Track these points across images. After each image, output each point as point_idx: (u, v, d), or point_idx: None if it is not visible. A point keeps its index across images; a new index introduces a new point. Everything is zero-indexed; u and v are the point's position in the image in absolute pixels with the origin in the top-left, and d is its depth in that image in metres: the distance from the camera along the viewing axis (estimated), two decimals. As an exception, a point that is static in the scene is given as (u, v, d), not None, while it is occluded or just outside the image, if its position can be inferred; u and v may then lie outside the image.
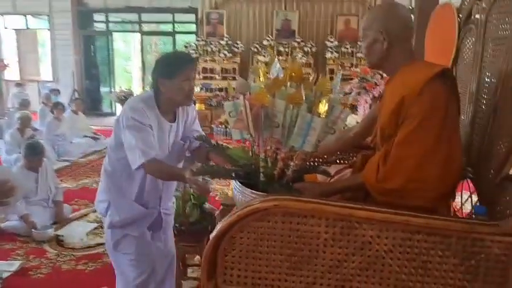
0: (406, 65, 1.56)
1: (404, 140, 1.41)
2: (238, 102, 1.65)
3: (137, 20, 11.47)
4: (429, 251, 1.30)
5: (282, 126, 1.53)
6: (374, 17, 1.59)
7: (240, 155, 1.72)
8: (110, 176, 2.19)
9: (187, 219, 2.88)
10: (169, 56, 2.07)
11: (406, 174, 1.39)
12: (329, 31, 9.59)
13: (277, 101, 1.52)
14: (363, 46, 1.64)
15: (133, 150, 1.92)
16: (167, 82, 1.98)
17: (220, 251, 1.39)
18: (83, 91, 11.30)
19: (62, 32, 11.22)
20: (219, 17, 9.79)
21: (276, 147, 1.60)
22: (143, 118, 1.95)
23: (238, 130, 1.66)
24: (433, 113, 1.39)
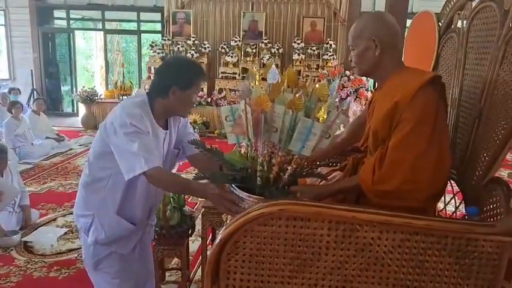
0: (396, 71, 1.62)
1: (398, 144, 1.48)
2: (236, 107, 1.66)
3: (101, 17, 11.15)
4: (426, 251, 1.36)
5: (280, 130, 1.55)
6: (364, 25, 1.64)
7: (236, 160, 1.70)
8: (91, 188, 2.01)
9: (168, 222, 2.84)
10: (185, 65, 1.94)
11: (401, 176, 1.46)
12: (296, 33, 9.71)
13: (277, 106, 1.54)
14: (353, 54, 1.67)
15: (132, 158, 1.76)
16: (180, 92, 1.88)
17: (223, 255, 1.39)
18: (43, 90, 10.87)
19: (19, 29, 10.74)
20: (186, 17, 9.69)
21: (271, 151, 1.61)
22: (141, 124, 1.83)
23: (235, 134, 1.66)
24: (425, 117, 1.46)
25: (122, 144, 1.81)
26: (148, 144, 1.81)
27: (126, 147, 1.79)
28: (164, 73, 1.94)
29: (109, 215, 2.00)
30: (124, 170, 1.80)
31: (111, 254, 2.07)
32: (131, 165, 1.77)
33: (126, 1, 10.55)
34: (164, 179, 1.85)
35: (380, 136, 1.59)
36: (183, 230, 2.88)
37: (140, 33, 11.16)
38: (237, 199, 1.59)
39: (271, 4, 9.76)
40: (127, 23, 12.15)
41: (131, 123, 1.80)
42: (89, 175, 2.01)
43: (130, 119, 1.81)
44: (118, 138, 1.82)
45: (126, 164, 1.79)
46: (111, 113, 1.94)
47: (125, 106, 1.89)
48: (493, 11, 1.64)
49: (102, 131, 1.92)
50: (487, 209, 1.50)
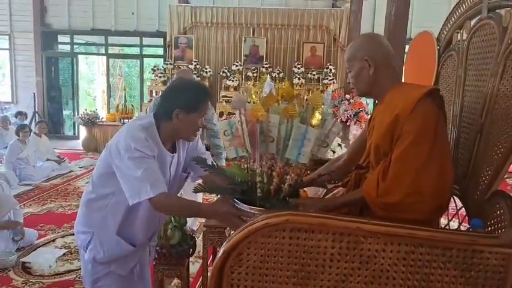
0: (394, 87, 1.66)
1: (400, 156, 1.49)
2: (233, 121, 1.67)
3: (104, 42, 11.34)
4: (431, 264, 1.35)
5: (276, 140, 1.57)
6: (357, 47, 1.70)
7: (236, 173, 1.70)
8: (92, 205, 1.99)
9: (168, 241, 2.82)
10: (191, 89, 1.92)
11: (404, 188, 1.46)
12: (296, 57, 9.85)
13: (272, 115, 1.56)
14: (350, 76, 1.73)
15: (137, 184, 1.74)
16: (184, 115, 1.86)
17: (227, 267, 1.38)
18: (45, 114, 10.95)
19: (23, 53, 10.92)
20: (188, 42, 9.84)
21: (270, 163, 1.61)
22: (146, 148, 1.79)
23: (234, 148, 1.67)
24: (426, 129, 1.48)
25: (126, 169, 1.78)
26: (153, 169, 1.78)
27: (130, 172, 1.76)
28: (169, 96, 1.92)
29: (108, 235, 1.97)
30: (128, 194, 1.78)
31: (109, 273, 2.03)
32: (136, 190, 1.75)
33: (129, 26, 10.75)
34: (171, 204, 1.83)
35: (381, 150, 1.60)
36: (184, 249, 2.85)
37: (143, 57, 11.33)
38: (244, 214, 1.59)
39: (272, 30, 9.94)
40: (129, 47, 12.35)
41: (136, 148, 1.77)
42: (92, 192, 1.99)
43: (135, 143, 1.78)
44: (123, 162, 1.79)
45: (130, 189, 1.77)
46: (117, 134, 1.91)
47: (131, 129, 1.86)
48: (492, 28, 1.68)
49: (107, 153, 1.90)
50: (491, 222, 1.49)
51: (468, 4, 1.93)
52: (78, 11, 10.78)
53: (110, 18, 10.74)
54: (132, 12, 10.68)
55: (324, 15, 9.81)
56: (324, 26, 9.82)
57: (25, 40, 10.83)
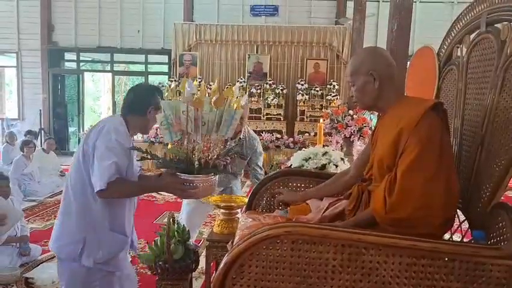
0: (398, 100, 1.67)
1: (407, 171, 1.48)
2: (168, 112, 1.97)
3: (109, 59, 11.49)
4: (433, 276, 1.35)
5: (207, 124, 1.95)
6: (361, 61, 1.70)
7: (176, 152, 2.00)
8: (81, 213, 2.02)
9: (171, 256, 2.81)
10: (158, 91, 2.26)
11: (413, 203, 1.45)
12: (299, 74, 9.93)
13: (206, 105, 1.92)
14: (354, 90, 1.73)
15: (99, 171, 1.92)
16: (154, 112, 2.10)
17: (228, 279, 1.38)
18: (50, 130, 11.04)
19: (30, 70, 11.07)
20: (192, 59, 9.97)
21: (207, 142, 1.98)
22: (125, 141, 2.04)
23: (168, 133, 1.98)
24: (431, 143, 1.48)
25: (99, 156, 1.95)
26: (120, 163, 1.99)
27: (101, 159, 1.94)
28: (144, 95, 2.19)
29: (103, 233, 2.06)
30: (97, 178, 1.93)
31: (106, 276, 2.10)
32: (103, 174, 1.92)
33: (134, 44, 10.90)
34: (123, 189, 2.03)
35: (385, 163, 1.60)
36: (187, 264, 2.84)
37: (148, 74, 11.45)
38: (185, 181, 1.95)
39: (276, 47, 10.05)
40: (134, 65, 12.50)
41: (117, 139, 1.99)
42: (76, 201, 2.05)
43: (116, 135, 2.00)
44: (98, 150, 1.96)
45: (96, 176, 1.94)
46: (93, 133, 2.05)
47: (112, 124, 2.07)
48: (491, 42, 1.70)
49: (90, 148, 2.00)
50: (493, 235, 1.49)
51: (467, 19, 1.96)
52: (84, 29, 10.96)
53: (116, 36, 10.90)
54: (138, 30, 10.84)
55: (327, 32, 9.92)
56: (328, 43, 9.92)
57: (32, 58, 11.00)
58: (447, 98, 2.08)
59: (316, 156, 3.00)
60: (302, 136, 8.96)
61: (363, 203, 1.72)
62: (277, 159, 8.15)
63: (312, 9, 10.53)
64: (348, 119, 7.56)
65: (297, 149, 8.21)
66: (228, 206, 2.78)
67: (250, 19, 10.58)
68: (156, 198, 6.63)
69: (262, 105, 9.42)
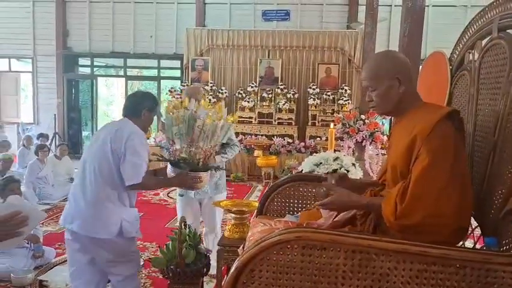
0: (415, 106, 1.66)
1: (419, 178, 1.46)
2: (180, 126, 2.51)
3: (123, 64, 11.62)
4: (445, 282, 1.34)
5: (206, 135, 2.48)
6: (382, 64, 1.66)
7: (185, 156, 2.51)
8: (113, 196, 2.48)
9: (183, 260, 2.83)
10: (150, 95, 2.75)
11: (424, 210, 1.43)
12: (311, 78, 9.92)
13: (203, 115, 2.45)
14: (374, 95, 1.67)
15: (138, 168, 2.41)
16: (148, 114, 2.62)
17: (239, 284, 1.39)
18: (64, 134, 11.20)
19: (45, 75, 11.26)
20: (204, 64, 10.03)
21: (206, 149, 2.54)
22: (146, 143, 2.54)
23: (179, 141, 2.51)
24: (444, 151, 1.47)
25: (130, 156, 2.40)
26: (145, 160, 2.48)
27: (134, 159, 2.41)
28: (138, 100, 2.64)
29: (128, 211, 2.57)
30: (128, 176, 2.41)
31: (133, 239, 2.64)
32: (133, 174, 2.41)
33: (147, 49, 11.02)
34: (150, 183, 2.62)
35: (398, 170, 1.59)
36: (198, 268, 2.86)
37: (160, 79, 11.56)
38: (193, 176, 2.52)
39: (287, 51, 10.06)
40: (147, 69, 12.62)
41: (141, 142, 2.47)
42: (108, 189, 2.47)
43: (140, 138, 2.49)
44: (129, 151, 2.41)
45: (133, 173, 2.41)
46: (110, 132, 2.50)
47: (132, 128, 2.51)
48: (503, 48, 1.69)
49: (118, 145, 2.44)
50: (505, 241, 1.48)
51: (479, 24, 1.95)
52: (98, 35, 11.12)
53: (129, 42, 11.03)
54: (150, 36, 10.96)
55: (339, 36, 9.91)
56: (339, 47, 9.91)
57: (47, 63, 11.18)
58: (459, 104, 2.07)
59: (328, 161, 3.00)
60: (313, 141, 8.94)
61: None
62: (288, 164, 8.15)
63: (323, 14, 10.54)
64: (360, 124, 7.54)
65: (309, 154, 8.20)
66: (239, 211, 2.80)
67: (261, 24, 10.62)
68: (168, 202, 6.67)
69: (273, 110, 9.43)
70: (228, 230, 2.87)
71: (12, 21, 11.15)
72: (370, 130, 7.72)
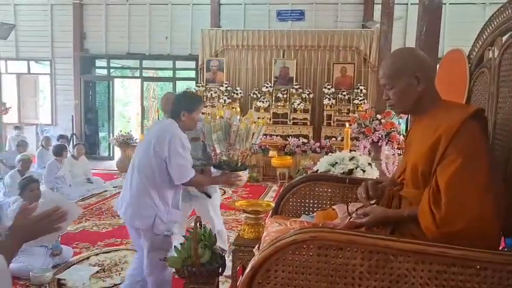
0: (436, 104, 1.62)
1: (453, 182, 1.41)
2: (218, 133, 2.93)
3: (138, 66, 11.74)
4: (465, 284, 1.31)
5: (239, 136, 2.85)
6: (401, 62, 1.62)
7: (226, 159, 2.91)
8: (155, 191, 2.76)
9: (199, 259, 2.83)
10: (187, 96, 2.97)
11: (467, 215, 1.38)
12: (326, 78, 9.87)
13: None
14: (392, 93, 1.64)
15: (184, 169, 2.72)
16: (187, 115, 2.82)
17: (254, 284, 1.38)
18: (82, 135, 11.36)
19: (63, 77, 11.43)
20: (219, 64, 10.06)
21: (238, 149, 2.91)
22: (186, 141, 2.76)
23: (218, 146, 2.91)
24: (475, 151, 1.43)
25: (175, 158, 2.69)
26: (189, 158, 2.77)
27: (178, 161, 2.70)
28: (178, 103, 2.89)
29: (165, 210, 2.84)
30: (177, 176, 2.72)
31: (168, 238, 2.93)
32: (181, 173, 2.73)
33: (163, 50, 11.09)
34: (200, 180, 2.97)
35: (420, 170, 1.55)
36: (214, 268, 2.86)
37: (176, 80, 11.63)
38: (234, 175, 2.88)
39: (302, 51, 10.02)
40: (163, 71, 12.72)
41: (183, 144, 2.72)
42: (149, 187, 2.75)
43: (182, 140, 2.73)
44: (174, 153, 2.68)
45: (180, 173, 2.73)
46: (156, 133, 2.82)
47: (174, 130, 2.76)
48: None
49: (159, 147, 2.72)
50: (528, 242, 1.44)
51: (499, 21, 1.91)
52: (114, 37, 11.24)
53: (144, 43, 11.13)
54: (166, 37, 11.03)
55: (354, 35, 9.83)
56: (354, 47, 9.83)
57: (65, 65, 11.35)
58: (478, 102, 2.03)
59: (343, 161, 2.97)
60: (329, 141, 8.89)
61: (393, 208, 1.69)
62: (303, 164, 8.11)
63: (338, 13, 10.46)
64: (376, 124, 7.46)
65: (324, 154, 8.16)
66: (255, 211, 2.79)
67: (276, 24, 10.60)
68: (183, 203, 6.70)
69: (288, 110, 9.41)
70: (243, 230, 2.87)
71: (31, 25, 11.36)
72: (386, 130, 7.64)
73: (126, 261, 4.25)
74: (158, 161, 2.71)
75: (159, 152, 2.70)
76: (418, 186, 1.58)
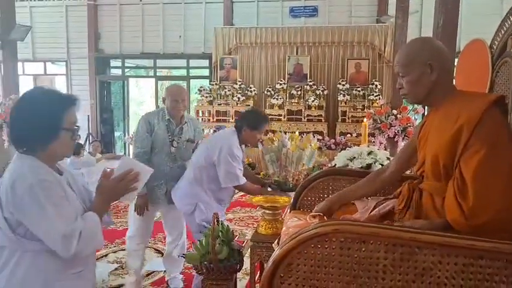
0: (453, 94, 1.58)
1: (479, 172, 1.38)
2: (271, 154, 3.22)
3: (152, 65, 11.81)
4: (493, 277, 1.27)
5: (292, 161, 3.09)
6: (417, 50, 1.60)
7: (280, 180, 3.14)
8: (200, 185, 3.07)
9: (216, 256, 2.83)
10: (253, 113, 3.24)
11: (495, 205, 1.35)
12: (340, 74, 9.79)
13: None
14: (405, 81, 1.62)
15: (232, 175, 2.99)
16: (249, 131, 3.07)
17: (276, 278, 1.37)
18: (98, 135, 11.47)
19: (79, 78, 11.57)
20: (232, 62, 10.06)
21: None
22: (239, 152, 3.06)
23: (271, 166, 3.20)
24: (499, 140, 1.39)
25: (225, 164, 2.98)
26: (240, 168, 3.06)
27: (227, 167, 2.99)
28: (242, 118, 3.18)
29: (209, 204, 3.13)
30: (223, 180, 3.01)
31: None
32: (232, 179, 3.01)
33: (176, 49, 11.14)
34: (248, 188, 3.14)
35: (441, 162, 1.51)
36: (231, 264, 2.86)
37: (190, 79, 11.67)
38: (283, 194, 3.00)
39: (316, 47, 9.96)
40: (177, 69, 12.77)
41: (236, 154, 3.02)
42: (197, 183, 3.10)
43: (234, 150, 3.01)
44: (223, 159, 2.97)
45: (227, 177, 3.01)
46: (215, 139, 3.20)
47: (229, 141, 3.05)
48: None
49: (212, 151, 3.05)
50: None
51: (523, 8, 1.86)
52: (129, 37, 11.33)
53: (158, 42, 11.19)
54: (179, 36, 11.07)
55: (369, 31, 9.73)
56: (369, 42, 9.74)
57: (80, 66, 11.49)
58: (502, 92, 1.97)
59: (361, 156, 2.93)
60: (344, 137, 8.82)
61: (414, 202, 1.66)
62: (318, 161, 8.05)
63: (352, 8, 10.37)
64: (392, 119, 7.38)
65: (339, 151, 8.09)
66: (272, 207, 2.77)
67: (289, 21, 10.56)
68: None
69: (302, 107, 9.36)
70: (260, 226, 2.85)
71: (47, 26, 11.53)
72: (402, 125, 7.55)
73: (144, 258, 4.27)
74: (208, 161, 3.03)
75: (210, 155, 3.01)
76: (440, 178, 1.55)
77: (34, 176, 1.48)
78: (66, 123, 1.58)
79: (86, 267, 1.65)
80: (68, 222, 1.47)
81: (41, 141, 1.55)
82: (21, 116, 1.56)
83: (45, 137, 1.55)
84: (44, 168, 1.55)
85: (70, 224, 1.47)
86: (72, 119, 1.62)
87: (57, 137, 1.56)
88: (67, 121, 1.59)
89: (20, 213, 1.47)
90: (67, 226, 1.46)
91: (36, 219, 1.47)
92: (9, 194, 1.47)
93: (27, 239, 1.49)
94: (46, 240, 1.48)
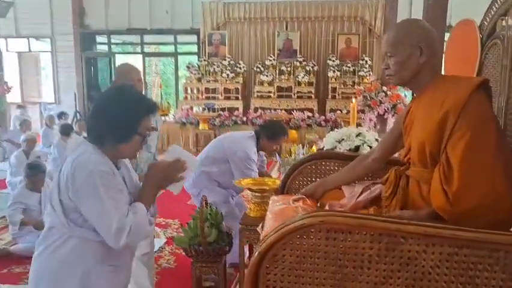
0: (436, 79, 1.56)
1: (464, 156, 1.37)
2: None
3: (139, 41, 11.58)
4: (477, 266, 1.28)
5: None
6: (407, 31, 1.56)
7: None
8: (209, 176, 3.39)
9: (205, 239, 2.84)
10: (272, 125, 3.60)
11: (480, 189, 1.34)
12: (330, 50, 9.70)
13: None
14: (393, 62, 1.59)
15: (243, 174, 3.18)
16: (266, 141, 3.39)
17: (262, 268, 1.36)
18: (85, 112, 11.32)
19: (64, 54, 11.33)
20: (221, 38, 9.90)
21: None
22: (254, 156, 3.31)
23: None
24: (484, 123, 1.38)
25: (238, 165, 3.28)
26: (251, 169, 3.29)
27: (240, 168, 3.26)
28: (263, 128, 3.53)
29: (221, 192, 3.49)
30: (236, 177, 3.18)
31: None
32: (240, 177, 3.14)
33: (163, 25, 10.91)
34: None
35: (428, 149, 1.49)
36: (221, 247, 2.87)
37: (177, 55, 11.49)
38: None
39: (306, 22, 9.83)
40: (164, 45, 12.55)
41: (253, 159, 3.28)
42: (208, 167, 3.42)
43: (251, 155, 3.28)
44: (237, 160, 3.28)
45: (240, 175, 3.17)
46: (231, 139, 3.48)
47: (247, 146, 3.32)
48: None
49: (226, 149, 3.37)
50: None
51: (513, -11, 1.82)
52: (114, 12, 11.06)
53: (145, 18, 10.94)
54: (166, 11, 10.83)
55: (359, 5, 9.60)
56: (359, 17, 9.63)
57: (65, 42, 11.24)
58: (490, 75, 1.96)
59: (350, 138, 2.92)
60: (334, 114, 8.81)
61: (400, 189, 1.66)
62: (308, 138, 8.06)
63: (342, -18, 10.19)
64: (382, 96, 7.36)
65: (329, 128, 8.09)
66: (261, 189, 2.77)
67: (278, -5, 10.37)
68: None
69: (292, 83, 9.29)
70: (249, 209, 2.85)
71: (30, 1, 11.17)
72: (392, 102, 7.54)
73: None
74: (223, 163, 3.34)
75: (226, 152, 3.31)
76: (426, 165, 1.54)
77: (95, 166, 1.52)
78: (141, 129, 1.63)
79: (124, 261, 1.70)
80: (122, 215, 1.52)
81: (115, 140, 1.60)
82: (105, 111, 1.61)
83: (120, 138, 1.60)
84: (106, 160, 1.59)
85: (123, 217, 1.52)
86: (147, 125, 1.66)
87: (130, 140, 1.62)
88: (143, 127, 1.63)
89: (78, 200, 1.52)
90: (120, 219, 1.51)
91: (93, 209, 1.52)
92: (69, 180, 1.51)
93: (77, 226, 1.55)
94: (100, 230, 1.53)
